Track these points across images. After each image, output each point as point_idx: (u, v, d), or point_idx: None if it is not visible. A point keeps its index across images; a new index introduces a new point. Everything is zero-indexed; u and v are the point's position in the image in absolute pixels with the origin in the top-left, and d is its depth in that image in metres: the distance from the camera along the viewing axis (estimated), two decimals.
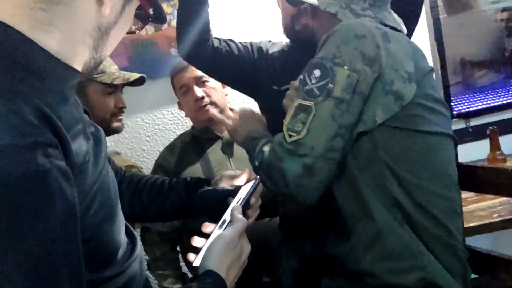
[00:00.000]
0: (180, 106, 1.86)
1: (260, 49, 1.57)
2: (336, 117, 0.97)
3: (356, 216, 1.02)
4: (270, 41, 1.61)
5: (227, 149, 1.75)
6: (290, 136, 0.99)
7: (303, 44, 1.38)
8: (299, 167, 0.98)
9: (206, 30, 1.45)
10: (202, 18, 1.42)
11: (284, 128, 1.01)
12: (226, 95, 1.80)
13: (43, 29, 0.63)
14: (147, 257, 1.78)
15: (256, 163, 1.08)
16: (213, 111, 1.59)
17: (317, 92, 0.98)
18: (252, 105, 1.73)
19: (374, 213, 0.99)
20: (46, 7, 0.63)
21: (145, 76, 1.60)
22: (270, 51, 1.56)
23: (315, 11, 1.18)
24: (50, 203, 0.53)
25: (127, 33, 0.76)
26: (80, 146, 0.66)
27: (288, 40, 1.52)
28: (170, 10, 2.25)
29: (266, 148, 1.07)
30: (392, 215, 0.99)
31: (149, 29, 2.25)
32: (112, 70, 1.55)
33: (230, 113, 1.36)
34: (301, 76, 1.02)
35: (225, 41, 1.53)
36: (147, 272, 1.71)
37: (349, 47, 0.98)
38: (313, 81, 0.99)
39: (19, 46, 0.61)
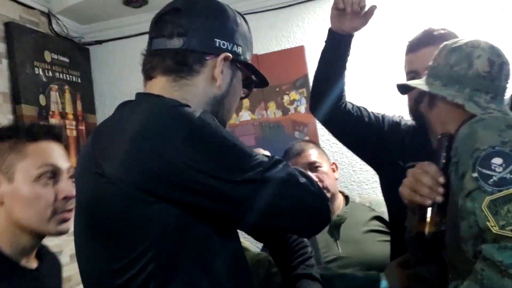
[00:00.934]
0: None
1: (392, 122, 1.58)
2: None
3: None
4: (402, 117, 1.62)
5: (335, 231, 1.77)
6: None
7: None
8: None
9: (340, 91, 1.50)
10: (339, 80, 1.48)
11: (495, 230, 0.92)
12: (336, 179, 1.85)
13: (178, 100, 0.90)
14: None
15: None
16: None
17: None
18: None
19: None
20: (179, 89, 0.93)
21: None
22: (402, 126, 1.56)
23: (432, 101, 1.18)
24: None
25: (240, 98, 1.03)
26: None
27: None
28: (298, 97, 2.45)
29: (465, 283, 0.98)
30: None
31: (277, 113, 2.46)
32: None
33: None
34: (473, 175, 0.98)
35: (358, 107, 1.56)
36: None
37: (511, 133, 0.99)
38: (499, 169, 0.96)
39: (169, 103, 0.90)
